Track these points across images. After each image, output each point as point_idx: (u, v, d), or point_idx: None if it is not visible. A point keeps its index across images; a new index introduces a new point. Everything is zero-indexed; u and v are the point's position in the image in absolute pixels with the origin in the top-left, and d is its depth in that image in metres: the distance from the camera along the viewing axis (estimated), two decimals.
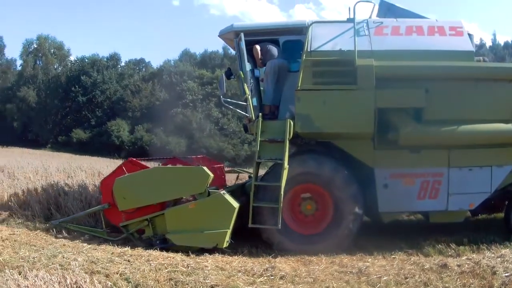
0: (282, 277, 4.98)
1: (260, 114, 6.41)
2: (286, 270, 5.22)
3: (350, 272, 5.23)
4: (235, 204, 6.00)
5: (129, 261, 5.26)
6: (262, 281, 4.84)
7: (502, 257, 5.40)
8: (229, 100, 6.86)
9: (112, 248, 5.90)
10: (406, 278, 4.93)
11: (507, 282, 4.63)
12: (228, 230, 5.90)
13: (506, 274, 4.83)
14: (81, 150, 41.53)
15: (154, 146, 38.55)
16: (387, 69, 6.18)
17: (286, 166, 6.05)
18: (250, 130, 6.99)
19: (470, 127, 6.22)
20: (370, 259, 5.79)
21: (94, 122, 47.49)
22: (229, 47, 8.77)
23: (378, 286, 4.77)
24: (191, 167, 6.73)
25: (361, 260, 5.76)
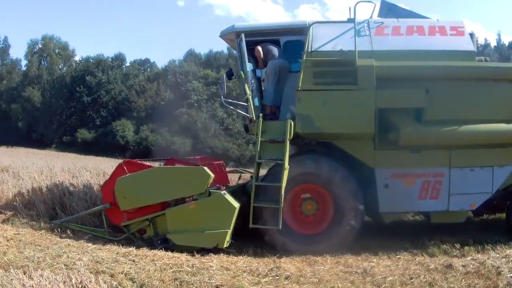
0: (287, 277, 4.99)
1: (261, 114, 6.43)
2: (291, 270, 5.23)
3: (355, 272, 5.23)
4: (236, 204, 6.02)
5: (134, 261, 5.28)
6: (267, 281, 4.85)
7: (507, 258, 5.38)
8: (230, 100, 6.87)
9: (117, 248, 5.92)
10: (411, 279, 4.93)
11: None
12: (229, 230, 5.93)
13: (511, 275, 4.81)
14: (86, 150, 41.61)
15: (159, 146, 38.63)
16: (387, 69, 6.18)
17: (287, 166, 6.07)
18: (251, 130, 7.01)
19: (471, 127, 6.21)
20: (375, 259, 5.79)
21: (99, 122, 47.62)
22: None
23: (383, 287, 4.77)
24: (192, 167, 6.76)
25: (366, 260, 5.77)
